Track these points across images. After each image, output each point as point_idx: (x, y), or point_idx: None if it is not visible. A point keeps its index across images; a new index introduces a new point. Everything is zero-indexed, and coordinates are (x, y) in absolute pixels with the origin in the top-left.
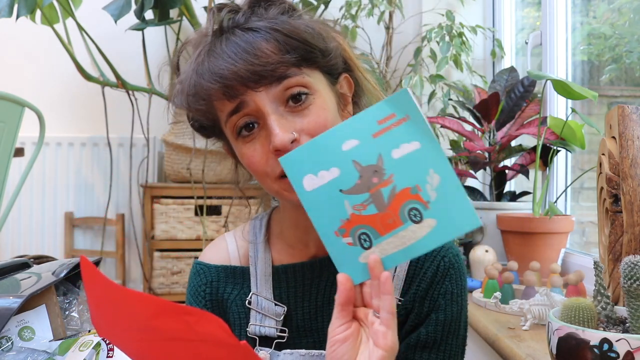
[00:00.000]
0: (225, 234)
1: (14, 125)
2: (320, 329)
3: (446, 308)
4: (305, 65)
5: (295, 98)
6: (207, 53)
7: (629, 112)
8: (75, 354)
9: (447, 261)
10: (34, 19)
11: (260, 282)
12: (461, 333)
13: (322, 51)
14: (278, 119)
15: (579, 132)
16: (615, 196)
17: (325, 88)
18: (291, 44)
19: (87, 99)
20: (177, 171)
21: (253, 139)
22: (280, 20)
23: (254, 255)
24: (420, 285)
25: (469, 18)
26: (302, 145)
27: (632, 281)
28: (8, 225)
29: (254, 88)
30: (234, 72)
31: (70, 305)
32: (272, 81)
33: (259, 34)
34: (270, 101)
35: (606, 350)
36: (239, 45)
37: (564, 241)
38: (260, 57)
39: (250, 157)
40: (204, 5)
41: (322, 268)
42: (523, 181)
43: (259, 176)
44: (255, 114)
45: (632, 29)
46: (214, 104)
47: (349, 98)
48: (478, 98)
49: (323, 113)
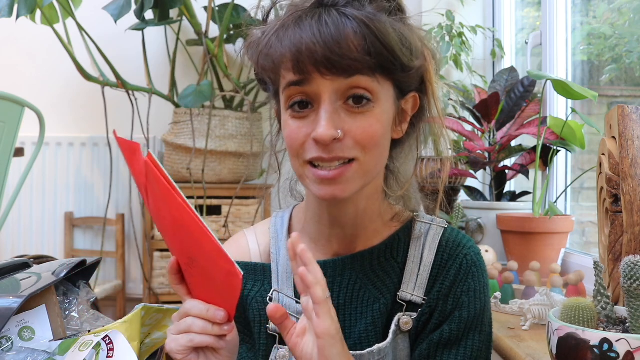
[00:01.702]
0: (245, 230)
1: (14, 125)
2: (341, 327)
3: (469, 305)
4: (380, 72)
5: (357, 99)
6: (295, 20)
7: (629, 112)
8: (75, 354)
9: (470, 259)
10: (34, 19)
11: (282, 279)
12: (485, 330)
13: (403, 66)
14: (331, 111)
15: (579, 132)
16: (615, 196)
17: (389, 100)
18: (376, 47)
19: (87, 99)
20: (177, 171)
21: (302, 117)
22: (379, 18)
23: (276, 251)
24: (444, 283)
25: (469, 18)
26: None
27: (632, 281)
28: (8, 225)
29: (323, 73)
30: (312, 50)
31: (70, 305)
32: (342, 74)
33: (351, 23)
34: (333, 92)
35: (606, 350)
36: (328, 26)
37: (564, 241)
38: (342, 46)
39: (291, 132)
40: (204, 5)
41: (344, 267)
42: (523, 181)
43: (292, 153)
44: (313, 96)
45: (632, 29)
46: (281, 70)
47: (408, 117)
48: (478, 98)
49: (376, 124)
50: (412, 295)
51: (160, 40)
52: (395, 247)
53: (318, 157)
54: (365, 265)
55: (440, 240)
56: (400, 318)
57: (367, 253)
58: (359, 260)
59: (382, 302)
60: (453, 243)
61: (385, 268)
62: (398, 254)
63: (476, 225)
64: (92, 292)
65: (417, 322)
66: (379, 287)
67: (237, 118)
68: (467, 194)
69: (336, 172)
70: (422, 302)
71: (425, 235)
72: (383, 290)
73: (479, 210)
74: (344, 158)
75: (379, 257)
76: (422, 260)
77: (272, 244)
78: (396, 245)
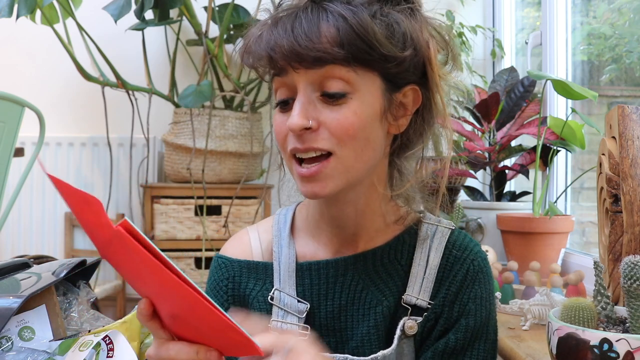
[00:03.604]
0: (248, 228)
1: (14, 125)
2: (343, 329)
3: (476, 313)
4: (357, 63)
5: (332, 91)
6: (273, 22)
7: (629, 112)
8: (75, 354)
9: (477, 265)
10: (34, 19)
11: (283, 278)
12: (490, 337)
13: (385, 57)
14: (305, 102)
15: (579, 132)
16: (615, 196)
17: (375, 92)
18: (349, 38)
19: (87, 99)
20: (177, 171)
21: (285, 111)
22: (363, 9)
23: (278, 250)
24: (450, 288)
25: (469, 18)
26: None
27: (632, 281)
28: (8, 225)
29: (295, 67)
30: (281, 45)
31: (70, 305)
32: (313, 65)
33: (327, 17)
34: (308, 83)
35: (606, 350)
36: (301, 23)
37: (564, 241)
38: (312, 39)
39: (276, 126)
40: (204, 5)
41: (346, 266)
42: (523, 181)
43: (279, 145)
44: (292, 87)
45: (632, 29)
46: (263, 66)
47: (408, 111)
48: (478, 98)
49: (352, 116)
50: (418, 299)
51: (160, 40)
52: (399, 249)
53: (294, 148)
54: (368, 266)
55: (447, 243)
56: (405, 322)
57: (370, 254)
58: (361, 261)
59: (385, 304)
60: (460, 246)
61: (388, 270)
62: (402, 256)
63: (476, 225)
64: (92, 292)
65: (422, 326)
66: (382, 290)
67: (237, 118)
68: (467, 194)
69: (314, 170)
70: (428, 306)
71: (432, 238)
72: (386, 292)
73: (479, 210)
74: (318, 149)
75: (382, 258)
76: (428, 263)
77: (275, 242)
78: (400, 247)
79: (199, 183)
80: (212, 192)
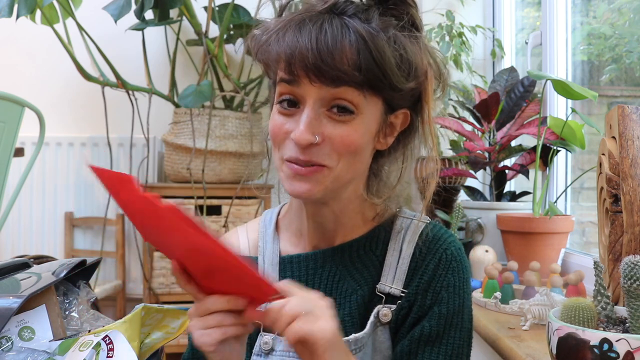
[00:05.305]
0: (238, 227)
1: (14, 125)
2: None
3: (449, 301)
4: (368, 88)
5: (340, 109)
6: (298, 23)
7: (629, 112)
8: (75, 354)
9: (450, 254)
10: (34, 19)
11: (267, 270)
12: (465, 326)
13: (392, 86)
14: (312, 117)
15: (579, 132)
16: (615, 196)
17: (374, 114)
18: (368, 64)
19: (87, 99)
20: (177, 171)
21: (288, 115)
22: (380, 35)
23: (263, 245)
24: (423, 277)
25: (469, 18)
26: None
27: (632, 281)
28: (8, 225)
29: (312, 79)
30: (304, 55)
31: (70, 305)
32: (329, 83)
33: (350, 36)
34: (318, 98)
35: (606, 350)
36: (326, 35)
37: (564, 241)
38: (334, 57)
39: (274, 126)
40: (204, 5)
41: (325, 259)
42: (523, 181)
43: (273, 144)
44: (300, 97)
45: (632, 29)
46: (276, 67)
47: (395, 131)
48: (478, 98)
49: (354, 135)
50: (391, 288)
51: (160, 40)
52: (374, 240)
53: (295, 158)
54: (345, 257)
55: (420, 234)
56: (380, 310)
57: (346, 246)
58: (338, 253)
59: (359, 293)
60: (433, 237)
61: (364, 261)
62: (377, 248)
63: (476, 225)
64: (92, 292)
65: (396, 314)
66: (358, 279)
67: (237, 118)
68: (467, 194)
69: (310, 169)
70: (401, 294)
71: (406, 230)
72: (361, 282)
73: (479, 210)
74: (318, 164)
75: (358, 250)
76: (401, 253)
77: (260, 237)
78: (375, 239)
79: (199, 183)
80: (212, 192)
